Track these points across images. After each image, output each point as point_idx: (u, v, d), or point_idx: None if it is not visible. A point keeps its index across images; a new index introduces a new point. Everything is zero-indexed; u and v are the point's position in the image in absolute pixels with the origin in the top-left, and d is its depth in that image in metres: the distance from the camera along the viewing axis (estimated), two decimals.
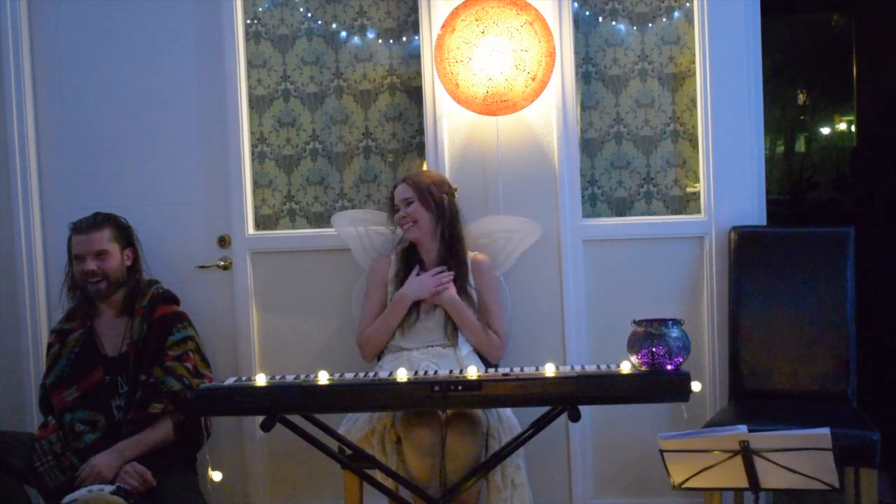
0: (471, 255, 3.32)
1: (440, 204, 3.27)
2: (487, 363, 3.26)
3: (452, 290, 3.22)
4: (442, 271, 3.24)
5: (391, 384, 2.69)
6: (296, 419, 2.81)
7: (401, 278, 3.29)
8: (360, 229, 3.49)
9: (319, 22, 3.72)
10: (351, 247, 3.50)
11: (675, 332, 2.65)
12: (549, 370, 2.71)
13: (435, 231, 3.28)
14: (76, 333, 3.26)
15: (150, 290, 3.31)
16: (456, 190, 3.36)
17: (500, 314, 3.31)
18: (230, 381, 2.78)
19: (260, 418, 2.80)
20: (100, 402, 3.17)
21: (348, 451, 2.96)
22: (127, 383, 3.18)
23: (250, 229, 3.70)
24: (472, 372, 2.74)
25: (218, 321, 3.68)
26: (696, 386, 2.68)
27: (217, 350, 3.64)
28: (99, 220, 3.30)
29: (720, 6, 3.44)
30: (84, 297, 3.29)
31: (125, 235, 3.34)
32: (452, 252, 3.28)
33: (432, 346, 3.21)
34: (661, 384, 2.64)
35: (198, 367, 3.26)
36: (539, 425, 2.86)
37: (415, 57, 3.64)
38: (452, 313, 3.22)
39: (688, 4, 3.55)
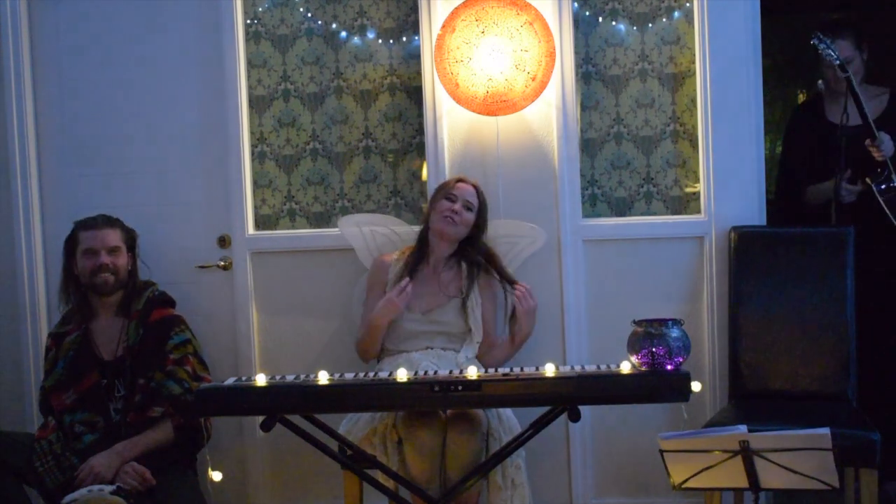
0: (482, 273, 3.32)
1: (482, 227, 3.31)
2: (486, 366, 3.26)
3: (532, 300, 3.24)
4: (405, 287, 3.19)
5: (391, 384, 2.69)
6: (296, 419, 2.81)
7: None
8: (365, 230, 3.49)
9: (319, 22, 3.72)
10: (355, 247, 3.49)
11: (675, 332, 2.65)
12: (549, 370, 2.71)
13: (458, 242, 3.30)
14: (71, 336, 3.25)
15: (145, 293, 3.31)
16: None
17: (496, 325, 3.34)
18: (230, 381, 2.78)
19: (260, 418, 2.80)
20: (97, 404, 3.17)
21: (348, 452, 2.96)
22: (124, 387, 3.18)
23: (250, 229, 3.69)
24: (472, 372, 2.74)
25: (218, 321, 3.68)
26: (696, 386, 2.68)
27: (217, 350, 3.64)
28: (112, 219, 3.33)
29: (720, 6, 3.44)
30: (80, 298, 3.30)
31: (131, 239, 3.36)
32: (463, 259, 3.30)
33: (431, 349, 3.21)
34: (661, 384, 2.64)
35: (196, 371, 3.26)
36: (539, 425, 2.86)
37: (415, 57, 3.64)
38: (526, 321, 3.25)
39: (688, 4, 3.55)
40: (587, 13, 3.61)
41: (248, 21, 3.72)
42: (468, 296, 3.25)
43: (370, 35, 3.70)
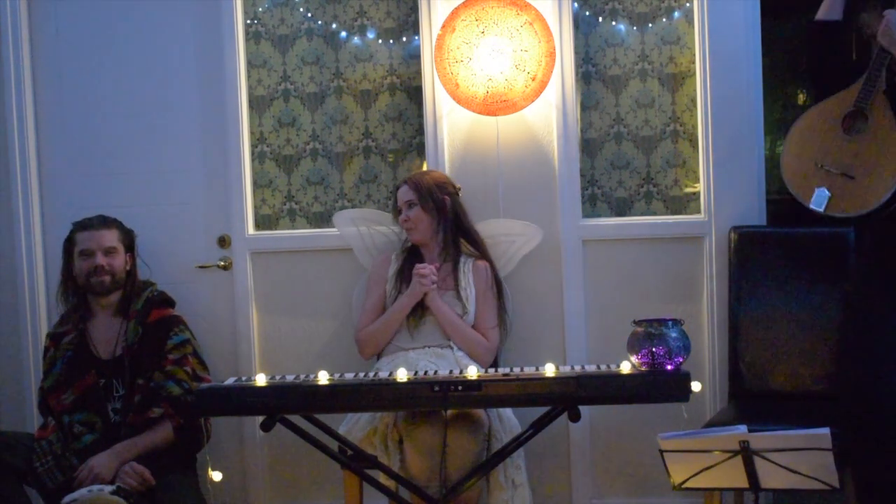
0: (472, 260, 3.33)
1: (441, 206, 3.29)
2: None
3: (434, 293, 3.20)
4: (421, 270, 3.21)
5: (391, 384, 2.69)
6: (296, 419, 2.81)
7: (401, 276, 3.30)
8: (363, 229, 3.50)
9: (319, 22, 3.72)
10: (353, 246, 3.50)
11: (675, 332, 2.65)
12: (549, 370, 2.71)
13: (437, 233, 3.31)
14: (69, 336, 3.25)
15: (144, 293, 3.31)
16: (459, 189, 3.38)
17: (490, 318, 3.29)
18: (230, 381, 2.78)
19: (260, 418, 2.80)
20: (95, 404, 3.16)
21: (349, 452, 2.96)
22: (123, 387, 3.18)
23: (250, 229, 3.70)
24: (472, 372, 2.74)
25: (218, 321, 3.68)
26: (696, 386, 2.69)
27: (217, 350, 3.64)
28: (108, 220, 3.33)
29: (720, 6, 3.43)
30: (79, 299, 3.30)
31: (129, 239, 3.36)
32: (455, 251, 3.31)
33: (429, 347, 3.21)
34: (661, 384, 2.64)
35: (196, 371, 3.25)
36: (539, 425, 2.86)
37: (415, 57, 3.64)
38: (436, 314, 3.22)
39: (688, 4, 3.55)
40: (587, 13, 3.61)
41: (248, 21, 3.72)
42: (458, 282, 3.27)
43: (370, 35, 3.70)
